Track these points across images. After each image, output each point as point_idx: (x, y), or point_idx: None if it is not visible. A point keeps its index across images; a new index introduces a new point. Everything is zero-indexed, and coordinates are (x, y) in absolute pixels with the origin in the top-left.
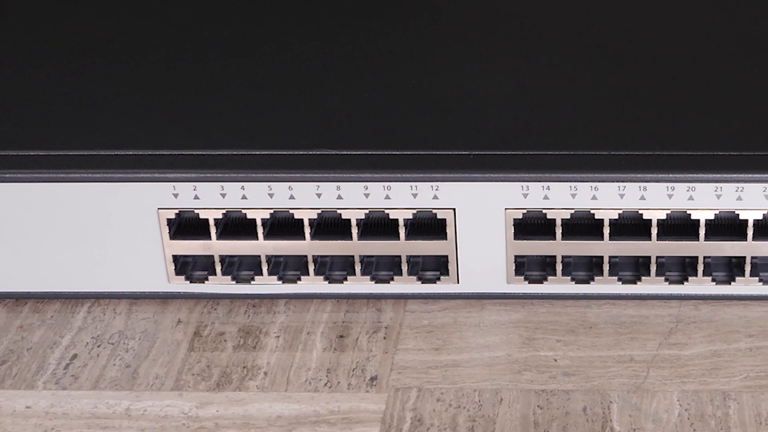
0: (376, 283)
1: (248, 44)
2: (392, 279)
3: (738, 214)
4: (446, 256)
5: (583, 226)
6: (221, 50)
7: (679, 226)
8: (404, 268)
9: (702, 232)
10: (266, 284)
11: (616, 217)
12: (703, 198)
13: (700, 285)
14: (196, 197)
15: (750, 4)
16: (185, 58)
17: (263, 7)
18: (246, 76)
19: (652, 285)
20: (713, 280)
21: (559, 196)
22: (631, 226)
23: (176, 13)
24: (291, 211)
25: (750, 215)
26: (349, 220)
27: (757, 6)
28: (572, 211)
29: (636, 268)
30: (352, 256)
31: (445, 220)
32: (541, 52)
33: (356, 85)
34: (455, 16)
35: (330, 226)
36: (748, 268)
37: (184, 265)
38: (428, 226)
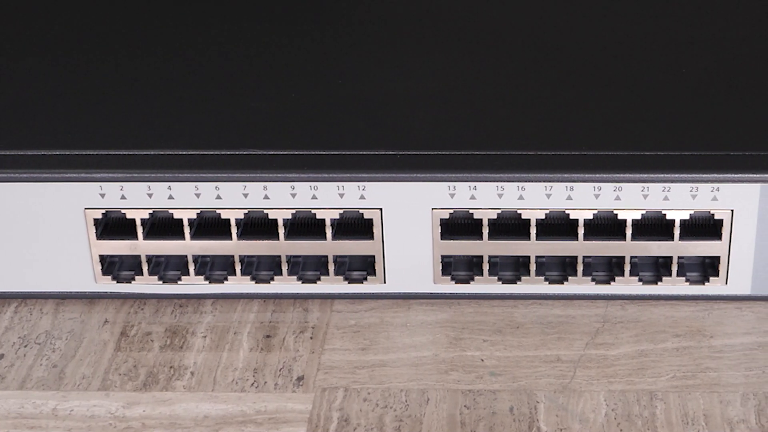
0: (302, 283)
1: (175, 44)
2: (319, 279)
3: (665, 214)
4: (373, 256)
5: (510, 226)
6: (148, 50)
7: (606, 226)
8: (331, 268)
9: (629, 232)
10: (193, 284)
11: (543, 217)
12: (630, 198)
13: (626, 285)
14: (123, 197)
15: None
16: (112, 58)
17: (191, 8)
18: (173, 76)
19: (578, 285)
20: (640, 280)
21: (486, 196)
22: (558, 226)
23: (102, 13)
24: (218, 211)
25: (677, 215)
26: (275, 220)
27: (681, 4)
28: (499, 211)
29: (563, 268)
30: (279, 256)
31: (371, 220)
32: (467, 53)
33: (283, 85)
34: (382, 17)
35: (257, 226)
36: (674, 268)
37: (110, 265)
38: (355, 226)
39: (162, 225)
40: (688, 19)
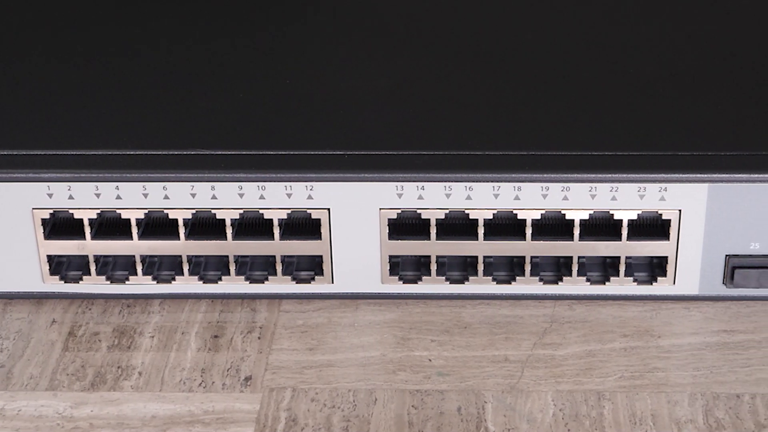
0: (250, 283)
1: (122, 44)
2: (267, 279)
3: (612, 214)
4: (321, 256)
5: (458, 226)
6: (95, 50)
7: (554, 226)
8: (279, 268)
9: (576, 232)
10: (141, 284)
11: (491, 217)
12: (578, 198)
13: (574, 285)
14: (71, 197)
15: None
16: (61, 57)
17: (137, 7)
18: (120, 75)
19: (526, 285)
20: (588, 280)
21: (434, 196)
22: (506, 226)
23: (48, 14)
24: (165, 211)
25: (624, 215)
26: (223, 220)
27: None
28: (447, 211)
29: (510, 268)
30: (227, 256)
31: (319, 220)
32: (415, 53)
33: (231, 85)
34: (330, 16)
35: (204, 226)
36: (622, 268)
37: (58, 265)
38: (303, 226)
39: (110, 225)
40: (640, 19)
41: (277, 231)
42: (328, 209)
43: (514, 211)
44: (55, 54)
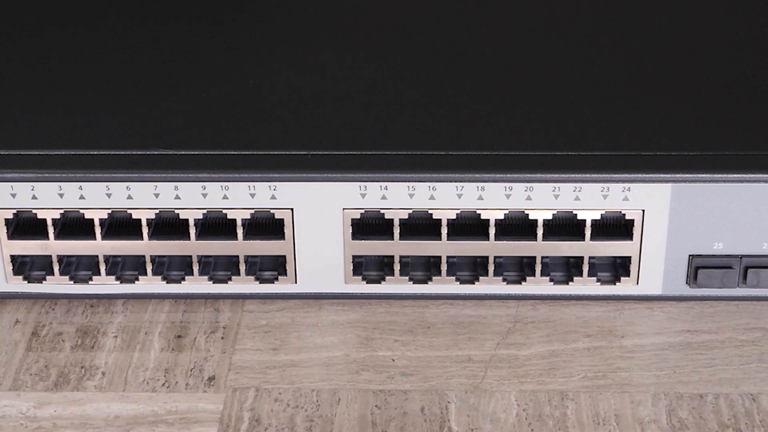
0: (214, 283)
1: (86, 44)
2: (230, 279)
3: (576, 214)
4: (284, 256)
5: (421, 226)
6: (57, 50)
7: (517, 226)
8: (242, 268)
9: (540, 232)
10: (104, 284)
11: (454, 217)
12: (541, 198)
13: (537, 285)
14: (34, 197)
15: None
16: (23, 57)
17: (102, 7)
18: (84, 75)
19: (489, 285)
20: (551, 280)
21: (397, 197)
22: (469, 226)
23: (7, 12)
24: (129, 211)
25: (588, 215)
26: (186, 220)
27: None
28: (410, 211)
29: (474, 268)
30: (190, 256)
31: (282, 220)
32: (379, 53)
33: (194, 85)
34: (293, 17)
35: (168, 226)
36: (585, 268)
37: (21, 265)
38: (266, 226)
39: (73, 225)
40: (598, 18)
41: (240, 231)
42: (292, 209)
43: (478, 211)
44: (17, 54)
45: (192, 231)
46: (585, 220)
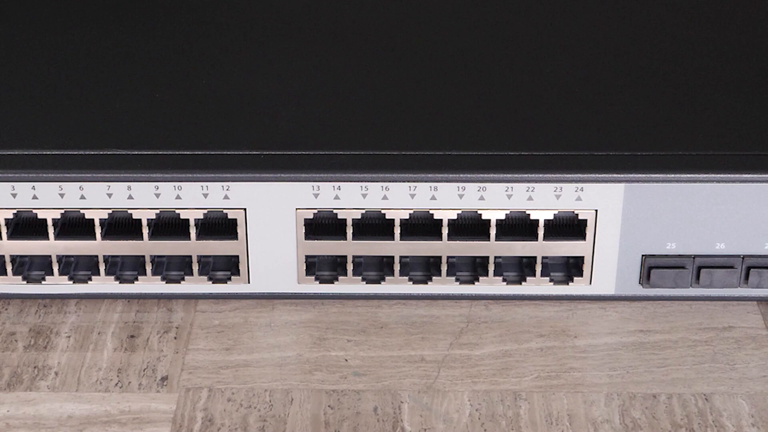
0: (167, 283)
1: (39, 43)
2: (183, 279)
3: (529, 214)
4: (237, 256)
5: (374, 226)
6: (9, 49)
7: (470, 226)
8: (195, 268)
9: (493, 232)
10: (57, 284)
11: (407, 217)
12: (494, 198)
13: (490, 285)
14: None
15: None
16: None
17: (52, 8)
18: (36, 75)
19: (442, 285)
20: (504, 280)
21: (350, 196)
22: (422, 226)
23: None
24: (82, 211)
25: (541, 215)
26: (139, 220)
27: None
28: (363, 211)
29: (427, 268)
30: (143, 256)
31: (236, 220)
32: (331, 53)
33: (147, 85)
34: (246, 17)
35: (121, 226)
36: (538, 268)
37: None
38: (219, 226)
39: (26, 225)
40: (552, 20)
41: (193, 231)
42: (245, 209)
43: (431, 211)
44: None
45: (145, 231)
46: (538, 220)
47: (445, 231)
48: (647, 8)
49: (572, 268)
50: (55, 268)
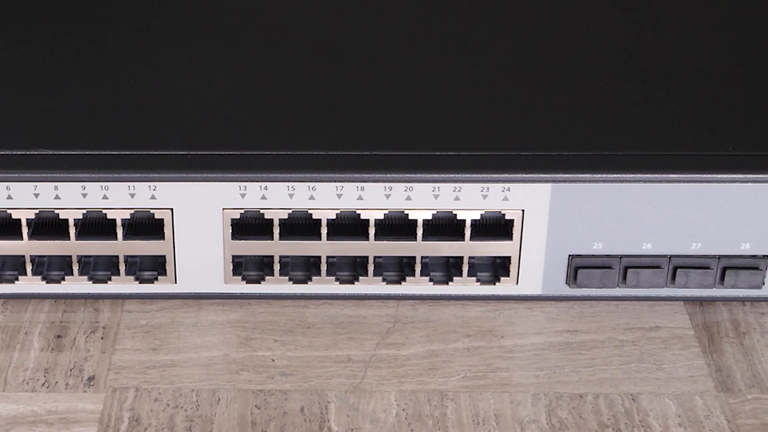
0: (93, 283)
1: None
2: (110, 279)
3: (456, 214)
4: (164, 256)
5: (301, 226)
6: None
7: (397, 226)
8: (122, 268)
9: (419, 232)
10: None
11: (334, 217)
12: (421, 198)
13: (417, 285)
14: None
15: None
16: None
17: None
18: None
19: (369, 285)
20: (431, 280)
21: (277, 196)
22: (349, 226)
23: None
24: (8, 211)
25: (468, 215)
26: (66, 220)
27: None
28: (290, 211)
29: (354, 268)
30: (70, 256)
31: (162, 220)
32: (258, 53)
33: (74, 85)
34: (173, 16)
35: (48, 226)
36: (465, 268)
37: None
38: (146, 226)
39: None
40: (484, 19)
41: (120, 231)
42: (171, 209)
43: (357, 211)
44: None
45: (72, 231)
46: (465, 220)
47: (371, 231)
48: (578, 8)
49: (499, 268)
50: None
